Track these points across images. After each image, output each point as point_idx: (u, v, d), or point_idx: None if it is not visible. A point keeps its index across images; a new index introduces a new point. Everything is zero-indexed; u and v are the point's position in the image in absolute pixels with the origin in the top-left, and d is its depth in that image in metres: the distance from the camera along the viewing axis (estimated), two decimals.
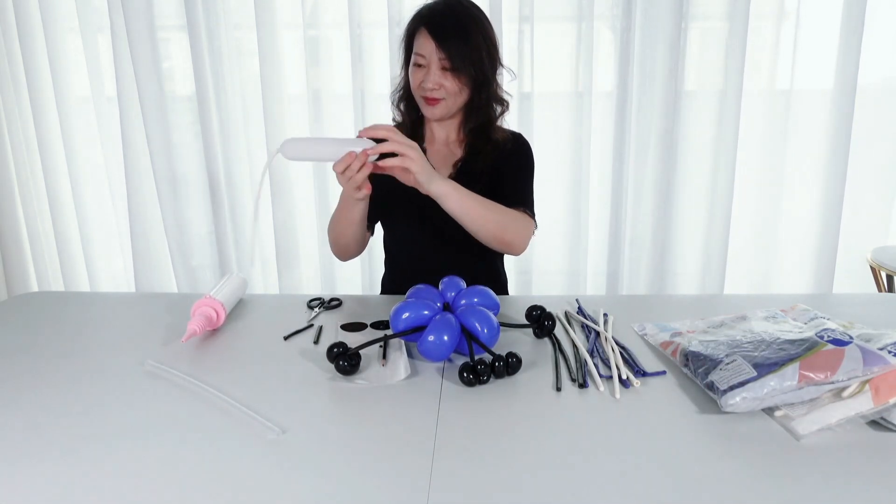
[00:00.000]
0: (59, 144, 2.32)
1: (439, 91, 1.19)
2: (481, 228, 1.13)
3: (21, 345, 1.04)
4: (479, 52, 1.18)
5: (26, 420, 0.81)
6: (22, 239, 2.47)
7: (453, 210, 1.09)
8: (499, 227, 1.14)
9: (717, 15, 2.04)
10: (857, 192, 2.17)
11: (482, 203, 1.12)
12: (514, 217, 1.18)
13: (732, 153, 2.09)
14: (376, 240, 1.40)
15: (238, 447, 0.74)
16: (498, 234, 1.15)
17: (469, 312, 0.95)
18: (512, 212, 1.18)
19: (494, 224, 1.14)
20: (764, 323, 0.97)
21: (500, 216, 1.15)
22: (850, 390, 0.77)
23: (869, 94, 2.07)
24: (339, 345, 0.92)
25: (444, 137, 1.31)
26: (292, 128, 2.20)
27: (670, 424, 0.78)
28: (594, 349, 0.98)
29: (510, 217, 1.17)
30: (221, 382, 0.89)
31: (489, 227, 1.13)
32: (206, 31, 2.12)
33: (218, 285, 1.14)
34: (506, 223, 1.16)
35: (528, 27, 2.07)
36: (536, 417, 0.81)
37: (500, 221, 1.15)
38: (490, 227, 1.13)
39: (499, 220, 1.14)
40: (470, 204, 1.10)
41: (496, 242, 1.17)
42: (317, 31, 2.16)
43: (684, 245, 2.24)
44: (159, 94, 2.17)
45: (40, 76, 2.25)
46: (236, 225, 2.34)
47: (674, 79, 2.04)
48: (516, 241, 1.19)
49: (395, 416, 0.81)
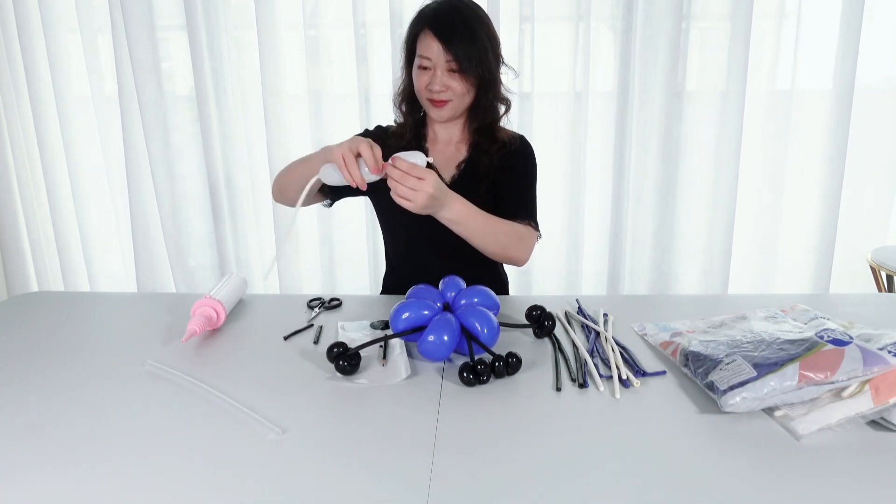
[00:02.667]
0: (59, 144, 2.32)
1: (446, 93, 1.19)
2: (484, 248, 1.16)
3: (21, 345, 1.04)
4: (485, 52, 1.18)
5: (26, 420, 0.81)
6: (22, 239, 2.47)
7: (460, 233, 1.11)
8: (502, 246, 1.17)
9: (718, 15, 2.04)
10: (858, 191, 2.17)
11: (488, 224, 1.14)
12: (519, 234, 1.20)
13: (735, 153, 2.08)
14: (379, 239, 1.40)
15: (238, 447, 0.74)
16: (501, 252, 1.18)
17: (469, 312, 0.95)
18: (517, 228, 1.20)
19: (497, 245, 1.16)
20: (764, 323, 0.97)
21: (504, 236, 1.17)
22: (850, 390, 0.77)
23: (868, 94, 2.07)
24: (339, 345, 0.92)
25: (447, 137, 1.31)
26: (292, 128, 2.20)
27: (670, 424, 0.78)
28: (594, 349, 0.98)
29: (515, 235, 1.19)
30: (221, 382, 0.89)
31: (492, 249, 1.16)
32: (205, 30, 2.12)
33: (218, 285, 1.14)
34: (509, 242, 1.18)
35: (528, 27, 2.07)
36: (536, 417, 0.81)
37: (504, 242, 1.17)
38: (493, 248, 1.16)
39: (502, 241, 1.17)
40: (478, 228, 1.12)
41: (500, 258, 1.21)
42: (317, 31, 2.15)
43: (685, 245, 2.24)
44: (159, 94, 2.17)
45: (40, 76, 2.25)
46: (236, 225, 2.34)
47: (674, 79, 2.04)
48: (520, 257, 1.22)
49: (395, 416, 0.81)
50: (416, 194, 0.98)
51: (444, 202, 1.04)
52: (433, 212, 1.05)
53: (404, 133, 1.30)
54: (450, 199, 1.06)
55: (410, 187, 0.98)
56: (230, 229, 2.34)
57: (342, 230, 2.30)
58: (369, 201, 1.39)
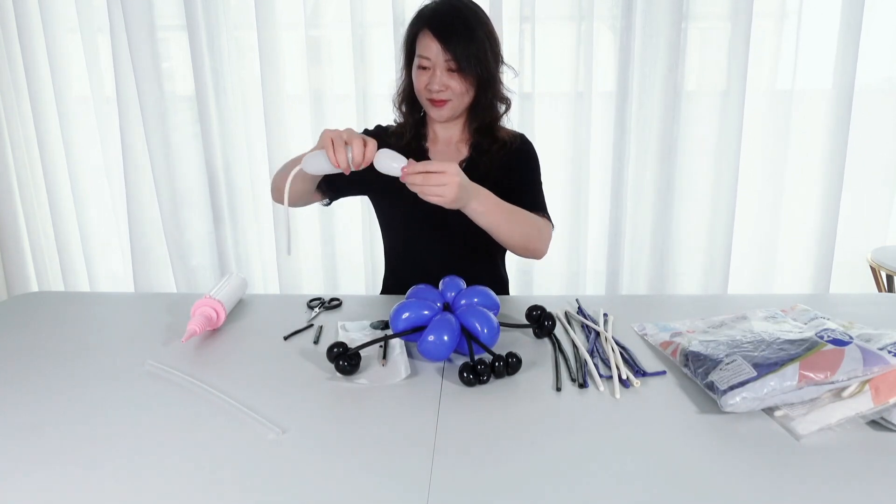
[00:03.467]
0: (59, 144, 2.32)
1: (446, 92, 1.19)
2: (509, 240, 1.14)
3: (21, 345, 1.04)
4: (484, 51, 1.18)
5: (26, 420, 0.81)
6: (22, 239, 2.47)
7: (486, 224, 1.09)
8: (525, 237, 1.16)
9: (718, 15, 2.04)
10: (857, 191, 2.17)
11: (513, 214, 1.13)
12: (539, 226, 1.20)
13: (735, 153, 2.08)
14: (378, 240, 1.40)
15: (238, 447, 0.74)
16: (523, 244, 1.17)
17: (469, 312, 0.95)
18: (536, 220, 1.20)
19: (521, 236, 1.15)
20: (764, 323, 0.97)
21: (528, 227, 1.16)
22: (850, 390, 0.77)
23: (868, 94, 2.07)
24: (339, 345, 0.92)
25: (447, 137, 1.31)
26: (292, 128, 2.20)
27: (670, 424, 0.78)
28: (594, 349, 0.98)
29: (535, 226, 1.18)
30: (221, 382, 0.89)
31: (516, 239, 1.15)
32: (206, 30, 2.12)
33: (218, 285, 1.14)
34: (531, 233, 1.17)
35: (528, 27, 2.07)
36: (536, 417, 0.81)
37: (527, 232, 1.16)
38: (517, 239, 1.15)
39: (526, 232, 1.16)
40: (500, 219, 1.10)
41: (521, 250, 1.19)
42: (317, 31, 2.15)
43: (685, 245, 2.24)
44: (159, 94, 2.17)
45: (40, 76, 2.25)
46: (236, 225, 2.34)
47: (674, 79, 2.04)
48: (540, 248, 1.21)
49: (395, 416, 0.81)
50: (445, 188, 0.96)
51: (472, 192, 1.03)
52: (464, 203, 1.02)
53: (404, 133, 1.30)
54: (476, 188, 1.04)
55: (437, 183, 0.96)
56: (230, 229, 2.33)
57: (342, 230, 2.31)
58: (369, 201, 1.39)
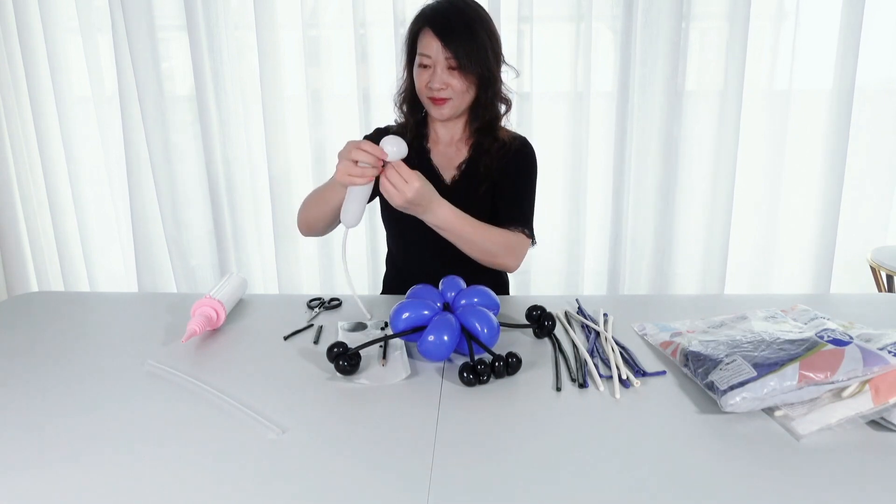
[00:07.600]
0: (59, 144, 2.32)
1: (446, 91, 1.19)
2: (472, 254, 1.18)
3: (21, 345, 1.04)
4: (484, 50, 1.18)
5: (26, 420, 0.81)
6: (22, 239, 2.47)
7: (447, 238, 1.14)
8: (489, 254, 1.18)
9: (717, 15, 2.04)
10: (857, 191, 2.17)
11: (476, 232, 1.15)
12: (509, 244, 1.21)
13: (733, 153, 2.09)
14: (379, 239, 1.40)
15: (238, 447, 0.74)
16: (488, 259, 1.20)
17: (469, 312, 0.95)
18: (508, 237, 1.21)
19: (484, 253, 1.18)
20: (764, 323, 0.97)
21: (492, 245, 1.18)
22: (850, 390, 0.77)
23: (868, 94, 2.07)
24: (339, 345, 0.92)
25: (448, 137, 1.31)
26: (292, 128, 2.20)
27: (670, 424, 0.78)
28: (594, 349, 0.98)
29: (504, 244, 1.20)
30: (221, 382, 0.89)
31: (476, 255, 1.18)
32: (206, 30, 2.12)
33: (218, 285, 1.14)
34: (497, 251, 1.19)
35: (527, 27, 2.07)
36: (536, 417, 0.81)
37: (492, 250, 1.18)
38: (479, 255, 1.18)
39: (490, 250, 1.18)
40: (464, 235, 1.13)
41: (488, 264, 1.22)
42: (317, 31, 2.15)
43: (685, 245, 2.24)
44: (159, 94, 2.17)
45: (40, 76, 2.25)
46: (236, 225, 2.34)
47: (674, 79, 2.04)
48: (508, 264, 1.23)
49: (395, 416, 0.81)
50: (396, 193, 1.02)
51: (428, 208, 1.07)
52: (415, 214, 1.08)
53: (405, 133, 1.30)
54: (435, 205, 1.08)
55: (394, 183, 1.01)
56: (230, 229, 2.33)
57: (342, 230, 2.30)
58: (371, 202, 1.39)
